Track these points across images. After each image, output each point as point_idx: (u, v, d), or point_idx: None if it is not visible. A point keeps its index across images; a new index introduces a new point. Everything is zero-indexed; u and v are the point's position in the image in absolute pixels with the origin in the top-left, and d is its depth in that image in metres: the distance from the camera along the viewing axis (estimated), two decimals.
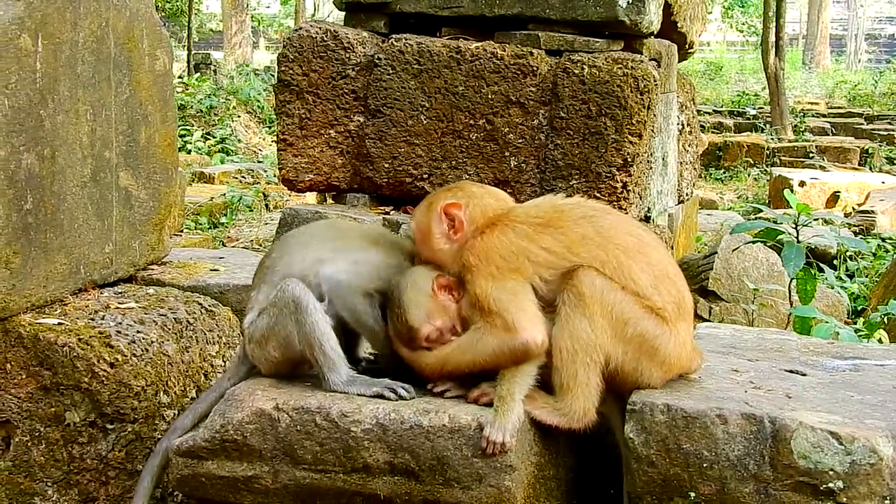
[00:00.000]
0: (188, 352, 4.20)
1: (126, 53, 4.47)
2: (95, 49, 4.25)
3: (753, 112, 24.35)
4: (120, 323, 4.05)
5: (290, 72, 6.13)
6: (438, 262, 3.33)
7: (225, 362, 4.35)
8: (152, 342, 4.04)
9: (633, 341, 3.12)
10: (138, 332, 4.04)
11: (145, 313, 4.19)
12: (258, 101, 22.07)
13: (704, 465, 3.00)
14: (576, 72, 5.78)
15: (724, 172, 19.17)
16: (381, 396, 3.17)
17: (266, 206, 12.89)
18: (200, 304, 4.46)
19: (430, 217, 3.36)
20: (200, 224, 11.24)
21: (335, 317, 3.29)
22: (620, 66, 5.74)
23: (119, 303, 4.25)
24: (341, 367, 3.24)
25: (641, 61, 5.79)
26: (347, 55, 6.08)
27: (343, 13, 6.41)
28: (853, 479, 2.88)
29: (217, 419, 3.18)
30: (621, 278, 3.13)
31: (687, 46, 7.70)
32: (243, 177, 14.84)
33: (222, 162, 16.94)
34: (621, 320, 3.09)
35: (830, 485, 2.89)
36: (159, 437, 3.63)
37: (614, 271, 3.14)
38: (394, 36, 6.11)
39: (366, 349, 3.60)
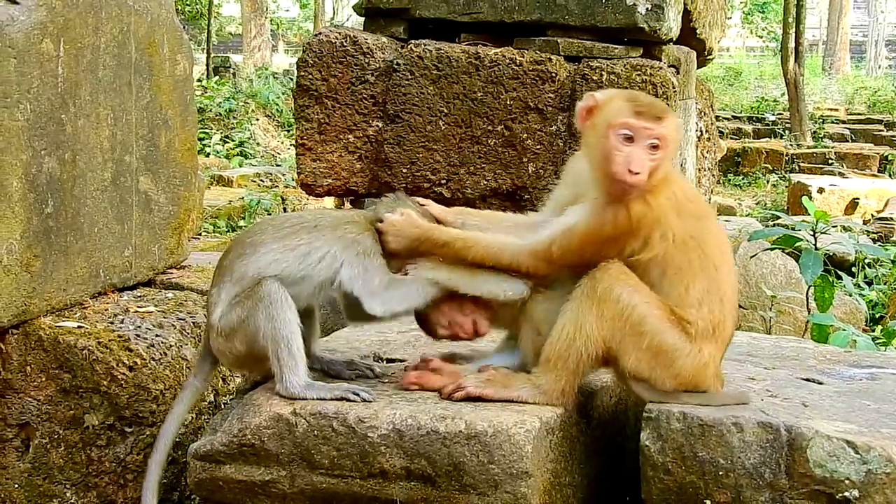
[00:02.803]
0: None
1: (147, 58, 4.49)
2: (117, 54, 4.27)
3: (772, 118, 24.28)
4: (139, 326, 4.07)
5: (310, 77, 6.14)
6: (608, 190, 3.11)
7: None
8: (171, 346, 4.06)
9: (649, 349, 3.09)
10: (157, 335, 4.06)
11: (164, 317, 4.21)
12: (277, 104, 22.13)
13: (720, 473, 2.99)
14: (594, 78, 5.77)
15: (743, 178, 19.15)
16: (346, 399, 3.16)
17: (284, 209, 12.89)
18: None
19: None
20: (219, 227, 11.28)
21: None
22: (639, 72, 5.73)
23: (138, 306, 4.27)
24: (302, 370, 3.20)
25: (660, 68, 5.78)
26: (367, 60, 6.09)
27: (362, 18, 6.43)
28: (869, 489, 2.87)
29: (235, 423, 3.19)
30: (674, 282, 3.11)
31: (706, 53, 7.68)
32: (262, 180, 14.90)
33: (241, 165, 17.02)
34: (637, 328, 3.08)
35: (846, 494, 2.89)
36: (177, 440, 3.65)
37: (676, 273, 3.11)
38: (413, 41, 6.12)
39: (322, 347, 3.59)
